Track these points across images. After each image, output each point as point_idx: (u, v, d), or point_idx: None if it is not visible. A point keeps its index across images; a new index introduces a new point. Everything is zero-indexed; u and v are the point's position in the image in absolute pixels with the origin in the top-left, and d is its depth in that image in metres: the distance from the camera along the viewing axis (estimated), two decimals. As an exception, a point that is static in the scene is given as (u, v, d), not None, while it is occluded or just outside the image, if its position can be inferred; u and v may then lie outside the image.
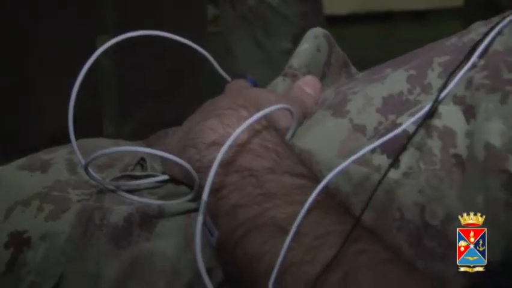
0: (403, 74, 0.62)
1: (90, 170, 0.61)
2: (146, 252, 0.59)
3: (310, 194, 0.54)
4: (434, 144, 0.58)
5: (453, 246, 0.55)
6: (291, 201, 0.55)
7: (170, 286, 0.58)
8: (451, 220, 0.56)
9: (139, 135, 0.77)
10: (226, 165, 0.57)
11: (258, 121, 0.59)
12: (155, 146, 0.67)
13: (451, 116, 0.58)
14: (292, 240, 0.52)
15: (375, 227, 0.57)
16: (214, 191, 0.57)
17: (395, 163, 0.57)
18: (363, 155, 0.56)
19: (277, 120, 0.62)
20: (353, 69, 0.74)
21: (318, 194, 0.54)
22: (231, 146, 0.57)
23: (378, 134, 0.60)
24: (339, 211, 0.55)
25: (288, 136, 0.63)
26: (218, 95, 0.66)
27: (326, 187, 0.55)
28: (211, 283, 0.51)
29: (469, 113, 0.57)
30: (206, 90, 1.44)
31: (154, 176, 0.64)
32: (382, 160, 0.58)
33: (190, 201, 0.61)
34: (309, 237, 0.53)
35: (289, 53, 0.95)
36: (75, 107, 0.63)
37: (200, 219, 0.54)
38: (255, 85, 0.70)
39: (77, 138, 0.63)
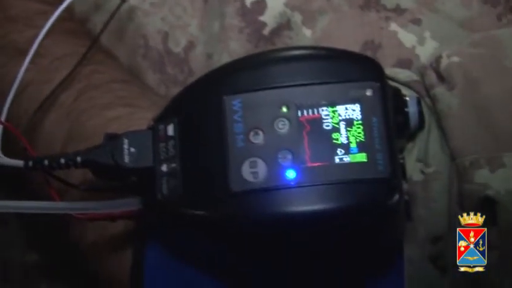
0: None
1: None
2: None
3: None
4: None
5: (192, 73, 0.58)
6: (33, 26, 0.55)
7: None
8: (193, 48, 0.58)
9: None
10: None
11: None
12: None
13: None
14: (31, 62, 0.53)
15: (119, 54, 0.58)
16: None
17: None
18: None
19: None
20: None
21: (59, 18, 0.54)
22: None
23: None
24: (80, 35, 0.56)
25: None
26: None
27: (69, 12, 0.56)
28: None
29: None
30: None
31: None
32: None
33: None
34: (47, 59, 0.53)
35: None
36: None
37: None
38: None
39: None
